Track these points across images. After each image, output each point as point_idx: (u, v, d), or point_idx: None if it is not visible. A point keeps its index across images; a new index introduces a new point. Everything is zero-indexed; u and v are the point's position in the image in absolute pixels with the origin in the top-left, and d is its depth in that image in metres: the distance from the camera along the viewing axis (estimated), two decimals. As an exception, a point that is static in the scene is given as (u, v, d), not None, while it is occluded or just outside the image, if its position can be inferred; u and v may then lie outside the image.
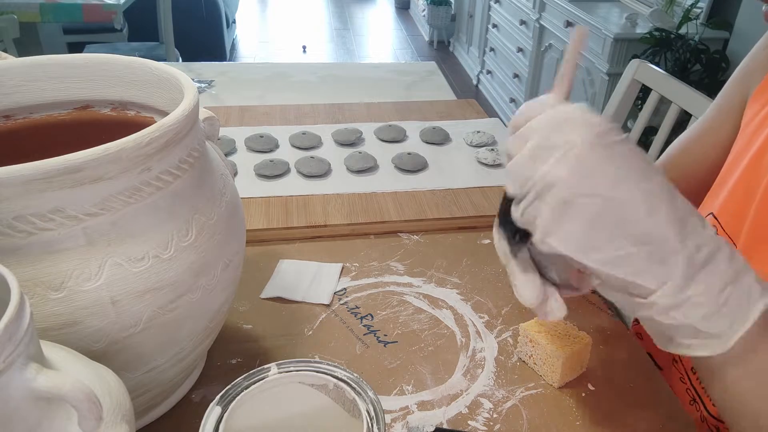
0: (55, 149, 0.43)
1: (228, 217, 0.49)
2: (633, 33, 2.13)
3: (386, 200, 0.86)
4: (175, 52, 2.62)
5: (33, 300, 0.39)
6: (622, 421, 0.56)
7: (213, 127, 0.54)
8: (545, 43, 2.77)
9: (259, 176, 0.90)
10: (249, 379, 0.43)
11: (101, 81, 0.54)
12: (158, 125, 0.41)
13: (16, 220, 0.37)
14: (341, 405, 0.43)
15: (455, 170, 0.95)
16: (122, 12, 2.04)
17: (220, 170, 0.51)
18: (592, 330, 0.66)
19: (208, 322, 0.49)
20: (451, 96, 1.34)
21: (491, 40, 3.61)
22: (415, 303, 0.69)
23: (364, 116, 1.14)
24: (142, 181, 0.41)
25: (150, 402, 0.51)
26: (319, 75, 1.43)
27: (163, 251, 0.42)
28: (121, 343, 0.42)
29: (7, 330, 0.29)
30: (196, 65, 1.46)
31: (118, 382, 0.38)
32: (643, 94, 1.57)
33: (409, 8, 5.79)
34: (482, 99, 3.71)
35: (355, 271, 0.74)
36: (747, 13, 2.02)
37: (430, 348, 0.63)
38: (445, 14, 4.53)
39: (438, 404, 0.57)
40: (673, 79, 1.12)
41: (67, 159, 0.36)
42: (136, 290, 0.41)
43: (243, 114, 1.13)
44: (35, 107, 0.53)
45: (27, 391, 0.31)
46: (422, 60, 4.34)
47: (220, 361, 0.60)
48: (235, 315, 0.66)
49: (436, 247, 0.79)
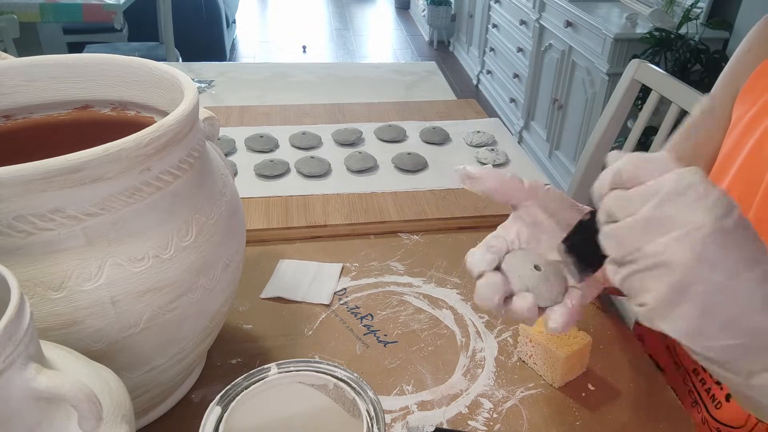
0: (55, 149, 0.43)
1: (228, 217, 0.49)
2: (633, 33, 2.13)
3: (386, 200, 0.86)
4: (175, 52, 2.62)
5: (33, 300, 0.39)
6: (622, 421, 0.56)
7: (213, 127, 0.54)
8: (545, 43, 2.77)
9: (259, 176, 0.90)
10: (249, 379, 0.43)
11: (101, 81, 0.54)
12: (158, 125, 0.41)
13: (16, 220, 0.37)
14: (341, 405, 0.43)
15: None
16: (122, 12, 2.04)
17: (220, 170, 0.51)
18: (592, 330, 0.66)
19: (208, 322, 0.49)
20: (451, 96, 1.34)
21: (491, 40, 3.61)
22: (415, 303, 0.69)
23: (364, 116, 1.14)
24: (142, 181, 0.41)
25: (150, 402, 0.51)
26: (319, 75, 1.43)
27: (163, 251, 0.42)
28: (121, 343, 0.42)
29: (7, 330, 0.29)
30: (196, 65, 1.46)
31: (118, 382, 0.38)
32: (643, 94, 1.57)
33: (409, 8, 5.79)
34: (482, 99, 3.71)
35: (355, 271, 0.74)
36: (747, 13, 2.02)
37: (430, 348, 0.63)
38: (445, 14, 4.53)
39: (438, 404, 0.57)
40: (673, 79, 1.12)
41: (67, 159, 0.36)
42: (136, 290, 0.41)
43: (243, 114, 1.13)
44: (35, 107, 0.53)
45: (27, 391, 0.31)
46: (422, 60, 4.34)
47: (220, 361, 0.60)
48: (235, 315, 0.66)
49: (436, 247, 0.79)
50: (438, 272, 0.74)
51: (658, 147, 1.17)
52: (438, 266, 0.75)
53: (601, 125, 1.26)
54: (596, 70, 2.28)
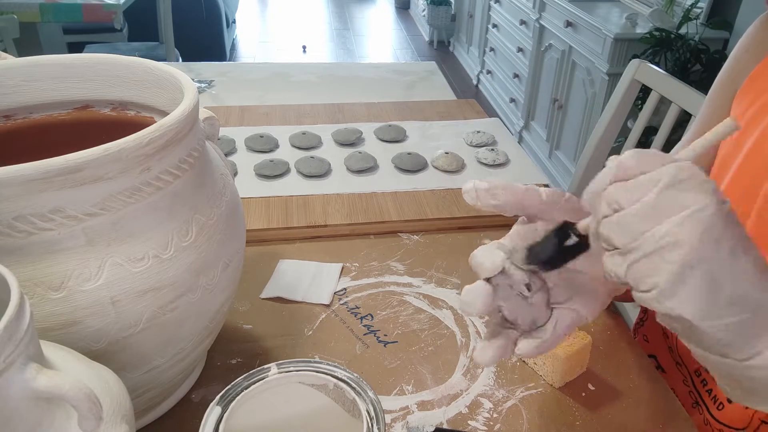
0: (55, 149, 0.43)
1: (228, 217, 0.49)
2: (633, 33, 2.13)
3: (386, 200, 0.86)
4: (175, 52, 2.62)
5: (33, 300, 0.39)
6: (622, 421, 0.56)
7: (213, 127, 0.54)
8: (545, 43, 2.77)
9: (259, 176, 0.90)
10: (249, 379, 0.43)
11: (101, 81, 0.54)
12: (158, 125, 0.41)
13: (16, 220, 0.37)
14: (341, 405, 0.43)
15: (455, 170, 0.95)
16: (122, 12, 2.04)
17: (220, 170, 0.51)
18: (592, 330, 0.66)
19: (208, 322, 0.49)
20: (451, 96, 1.34)
21: (491, 40, 3.61)
22: (415, 303, 0.69)
23: (364, 116, 1.14)
24: (142, 181, 0.41)
25: (150, 402, 0.51)
26: (319, 75, 1.43)
27: (163, 251, 0.42)
28: (121, 343, 0.42)
29: (7, 330, 0.29)
30: (196, 65, 1.46)
31: (118, 382, 0.38)
32: (643, 94, 1.57)
33: (409, 8, 5.79)
34: (482, 99, 3.71)
35: (355, 271, 0.74)
36: (747, 13, 2.02)
37: (430, 348, 0.63)
38: (445, 14, 4.53)
39: (438, 404, 0.57)
40: (673, 79, 1.12)
41: (67, 159, 0.36)
42: (136, 290, 0.41)
43: (243, 114, 1.13)
44: (35, 107, 0.53)
45: (27, 391, 0.31)
46: (422, 60, 4.34)
47: (220, 361, 0.60)
48: (235, 315, 0.66)
49: (436, 247, 0.79)
50: (438, 272, 0.74)
51: (658, 147, 1.17)
52: (438, 266, 0.75)
53: (601, 125, 1.26)
54: (596, 70, 2.28)
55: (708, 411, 0.61)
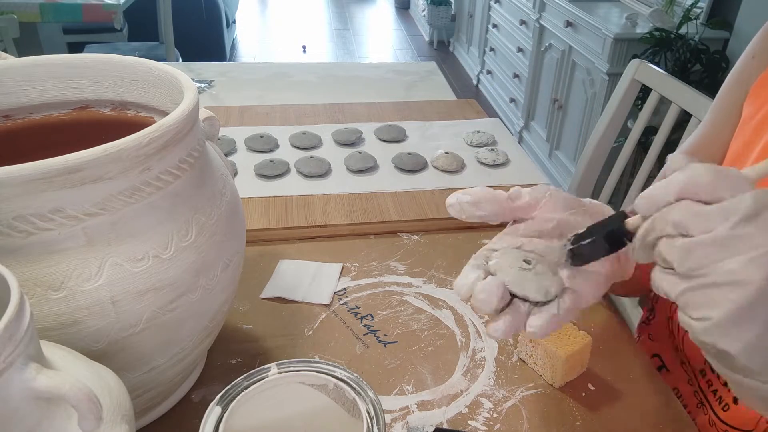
0: (55, 149, 0.43)
1: (228, 217, 0.49)
2: (633, 33, 2.13)
3: (386, 200, 0.86)
4: (175, 52, 2.62)
5: (33, 300, 0.39)
6: (622, 421, 0.56)
7: (213, 127, 0.54)
8: (545, 43, 2.77)
9: (259, 176, 0.90)
10: (249, 379, 0.43)
11: (101, 81, 0.54)
12: (158, 125, 0.41)
13: (16, 220, 0.37)
14: (341, 405, 0.43)
15: (455, 170, 0.95)
16: (122, 12, 2.04)
17: (220, 170, 0.51)
18: (592, 330, 0.66)
19: (208, 322, 0.49)
20: (451, 96, 1.34)
21: (491, 40, 3.61)
22: (415, 303, 0.69)
23: (364, 116, 1.14)
24: (142, 181, 0.41)
25: (150, 402, 0.51)
26: (319, 75, 1.43)
27: (163, 251, 0.42)
28: (121, 343, 0.42)
29: (7, 330, 0.29)
30: (196, 65, 1.46)
31: (118, 382, 0.38)
32: (643, 94, 1.57)
33: (409, 8, 5.79)
34: (482, 99, 3.71)
35: (355, 271, 0.74)
36: (747, 13, 2.02)
37: (430, 348, 0.63)
38: (445, 14, 4.53)
39: (438, 404, 0.57)
40: (673, 79, 1.12)
41: (67, 159, 0.36)
42: (136, 290, 0.41)
43: (243, 114, 1.13)
44: (35, 107, 0.53)
45: (27, 391, 0.31)
46: (422, 60, 4.34)
47: (220, 361, 0.60)
48: (235, 315, 0.66)
49: (436, 247, 0.79)
50: (438, 272, 0.74)
51: (658, 147, 1.17)
52: (438, 266, 0.75)
53: (601, 125, 1.26)
54: (596, 70, 2.28)
55: (713, 411, 0.61)
